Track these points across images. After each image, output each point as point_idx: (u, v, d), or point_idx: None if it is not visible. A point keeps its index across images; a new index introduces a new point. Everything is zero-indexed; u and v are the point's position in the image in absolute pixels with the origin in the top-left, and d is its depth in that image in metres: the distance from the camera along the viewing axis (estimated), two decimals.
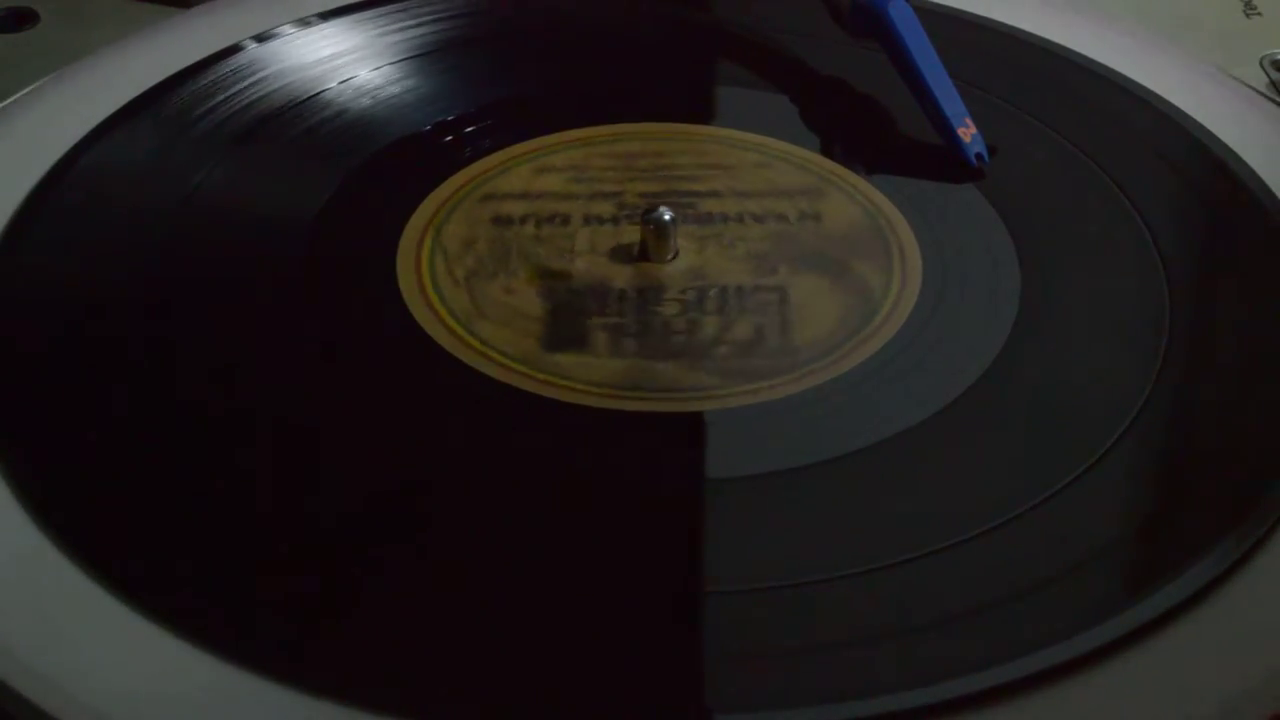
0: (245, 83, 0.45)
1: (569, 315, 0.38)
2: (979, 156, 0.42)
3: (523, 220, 0.41)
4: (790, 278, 0.39)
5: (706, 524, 0.33)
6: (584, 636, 0.30)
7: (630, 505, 0.33)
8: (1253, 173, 0.42)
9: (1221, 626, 0.30)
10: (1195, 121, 0.44)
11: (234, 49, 0.46)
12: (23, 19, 0.50)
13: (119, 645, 0.29)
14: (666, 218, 0.39)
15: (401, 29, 0.48)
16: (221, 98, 0.44)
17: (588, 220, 0.41)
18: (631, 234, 0.40)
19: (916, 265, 0.39)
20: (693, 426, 0.35)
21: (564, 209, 0.41)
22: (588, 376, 0.36)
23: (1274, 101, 0.46)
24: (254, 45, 0.46)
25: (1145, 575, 0.31)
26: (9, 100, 0.45)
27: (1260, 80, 0.48)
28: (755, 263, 0.39)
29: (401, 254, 0.39)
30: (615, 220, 0.40)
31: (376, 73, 0.46)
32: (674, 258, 0.39)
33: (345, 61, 0.46)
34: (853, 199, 0.41)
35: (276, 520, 0.32)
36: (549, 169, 0.43)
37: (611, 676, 0.29)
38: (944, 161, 0.42)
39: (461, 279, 0.38)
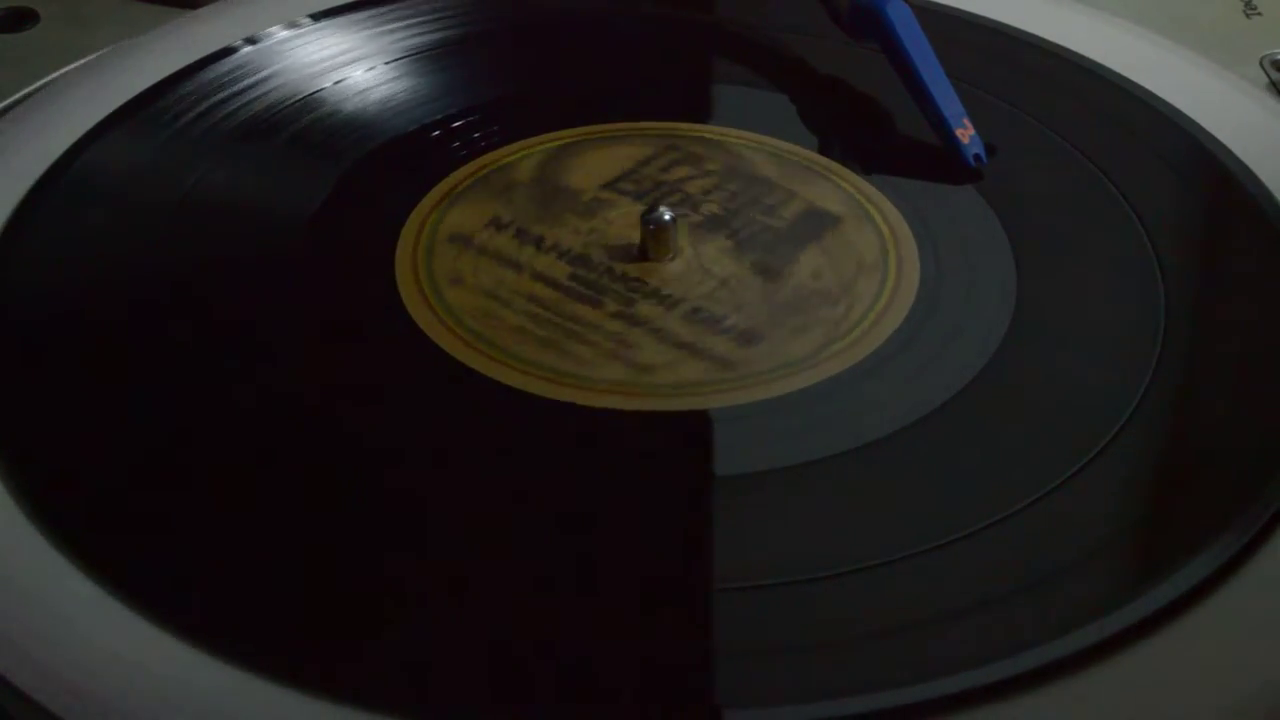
0: (242, 83, 0.45)
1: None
2: (977, 157, 0.42)
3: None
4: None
5: (707, 521, 0.33)
6: (585, 636, 0.30)
7: (633, 503, 0.33)
8: (1252, 173, 0.42)
9: (1220, 624, 0.30)
10: (1195, 122, 0.44)
11: (230, 50, 0.46)
12: (23, 19, 0.50)
13: (119, 645, 0.29)
14: (666, 218, 0.39)
15: (395, 29, 0.48)
16: (219, 98, 0.44)
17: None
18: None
19: (914, 264, 0.39)
20: (696, 423, 0.35)
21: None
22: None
23: (1274, 101, 0.46)
24: (249, 47, 0.46)
25: (1143, 573, 0.31)
26: (9, 100, 0.45)
27: (1260, 80, 0.48)
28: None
29: (399, 253, 0.39)
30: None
31: (371, 73, 0.46)
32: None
33: (340, 62, 0.46)
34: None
35: (276, 519, 0.32)
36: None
37: (615, 675, 0.29)
38: (943, 162, 0.42)
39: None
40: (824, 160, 0.43)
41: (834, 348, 0.36)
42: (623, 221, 0.40)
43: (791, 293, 0.38)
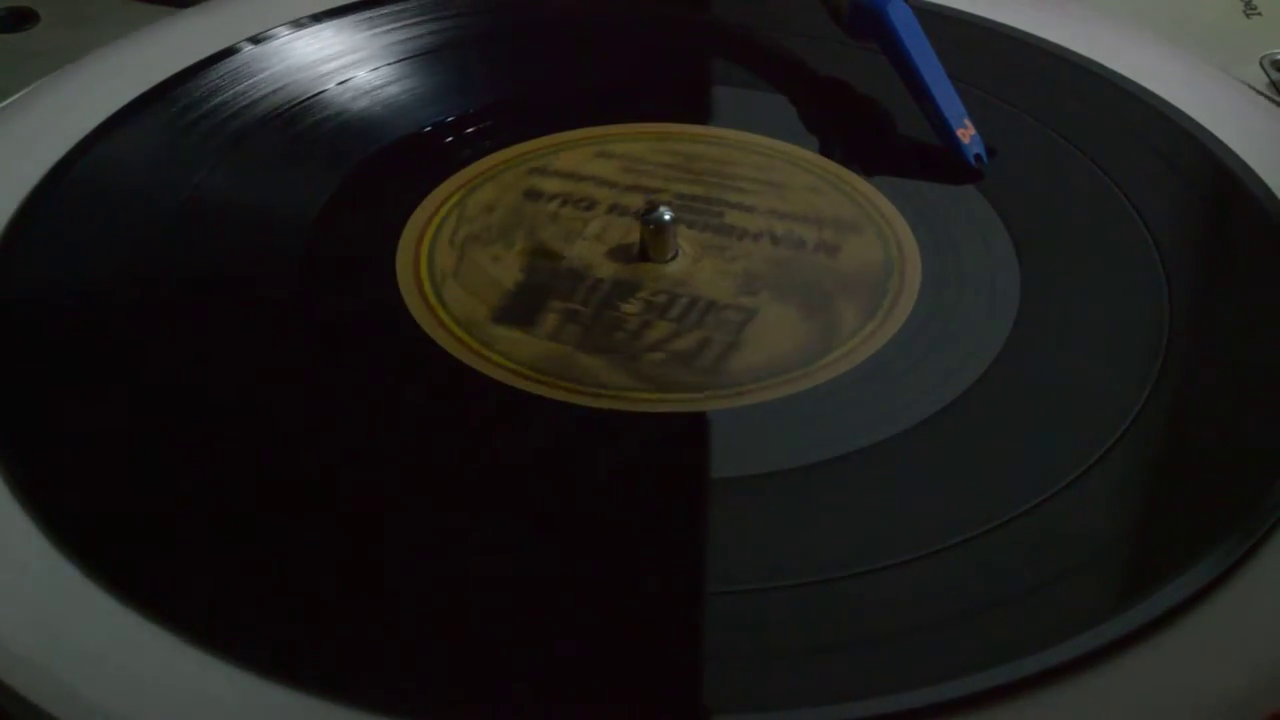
0: (245, 83, 0.45)
1: (534, 293, 0.38)
2: (978, 157, 0.42)
3: (551, 198, 0.41)
4: (766, 304, 0.38)
5: (705, 524, 0.33)
6: (583, 636, 0.30)
7: (630, 504, 0.33)
8: (1253, 173, 0.42)
9: (1221, 627, 0.30)
10: (1195, 121, 0.44)
11: (233, 50, 0.46)
12: (23, 19, 0.50)
13: (119, 645, 0.29)
14: (666, 218, 0.39)
15: (398, 30, 0.48)
16: (221, 98, 0.44)
17: (612, 209, 0.41)
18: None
19: (915, 265, 0.39)
20: (692, 425, 0.35)
21: (597, 195, 0.41)
22: (514, 353, 0.36)
23: (1274, 101, 0.46)
24: (252, 47, 0.46)
25: (1145, 576, 0.31)
26: (9, 100, 0.45)
27: (1260, 80, 0.48)
28: (742, 281, 0.39)
29: (401, 254, 0.39)
30: (638, 214, 0.40)
31: (374, 73, 0.46)
32: (673, 258, 0.39)
33: (343, 62, 0.46)
34: (882, 238, 0.40)
35: (276, 519, 0.32)
36: (608, 155, 0.43)
37: (610, 676, 0.29)
38: (944, 162, 0.42)
39: (459, 242, 0.39)
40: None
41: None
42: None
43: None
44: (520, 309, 0.37)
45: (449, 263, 0.39)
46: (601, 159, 0.43)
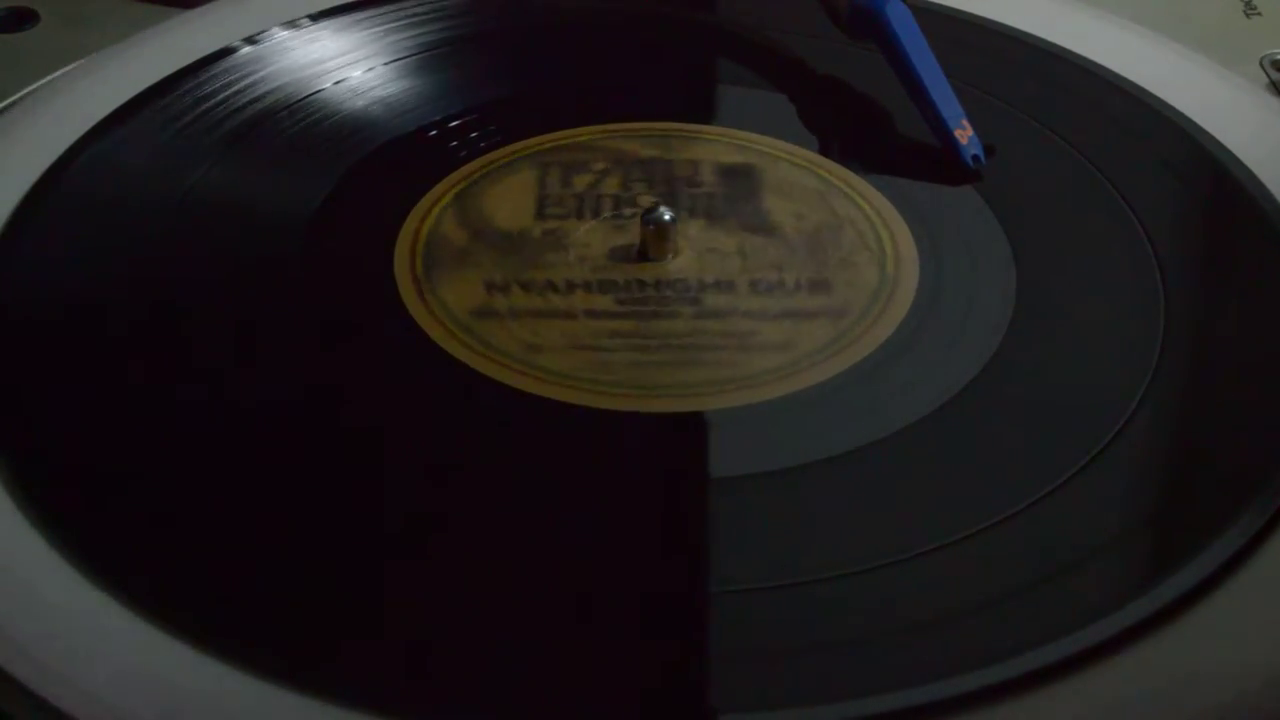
0: (242, 84, 0.45)
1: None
2: (976, 158, 0.42)
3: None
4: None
5: (704, 522, 0.33)
6: (584, 636, 0.30)
7: (629, 504, 0.33)
8: (1252, 173, 0.42)
9: (1222, 624, 0.30)
10: (1195, 122, 0.44)
11: (229, 50, 0.46)
12: (23, 19, 0.50)
13: (119, 645, 0.29)
14: (666, 218, 0.39)
15: (395, 30, 0.48)
16: (218, 98, 0.44)
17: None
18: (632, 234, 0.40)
19: (913, 265, 0.39)
20: (692, 426, 0.35)
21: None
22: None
23: (1274, 101, 0.46)
24: (249, 47, 0.46)
25: (1143, 574, 0.31)
26: (9, 100, 0.45)
27: (1260, 80, 0.48)
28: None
29: (398, 253, 0.39)
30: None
31: (370, 73, 0.46)
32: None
33: (339, 62, 0.46)
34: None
35: (276, 519, 0.32)
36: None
37: (612, 676, 0.29)
38: (942, 162, 0.42)
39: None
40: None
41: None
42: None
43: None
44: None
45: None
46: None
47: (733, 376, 0.36)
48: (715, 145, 0.44)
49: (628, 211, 0.41)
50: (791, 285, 0.38)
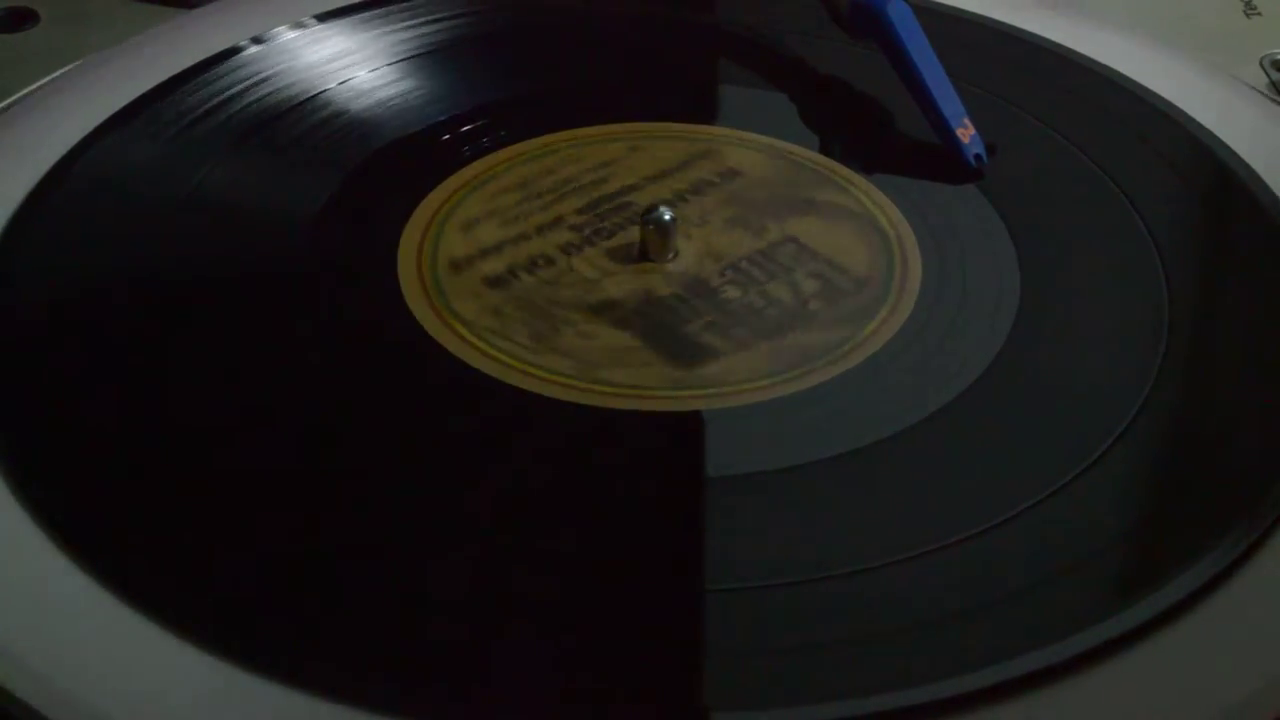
0: (247, 83, 0.45)
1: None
2: (977, 157, 0.42)
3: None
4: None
5: (705, 522, 0.33)
6: (583, 636, 0.30)
7: (628, 503, 0.33)
8: (1253, 173, 0.42)
9: (1221, 626, 0.30)
10: (1195, 121, 0.44)
11: (234, 50, 0.46)
12: (23, 19, 0.50)
13: (119, 645, 0.29)
14: (666, 218, 0.39)
15: (400, 30, 0.48)
16: (223, 98, 0.44)
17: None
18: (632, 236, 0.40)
19: (916, 265, 0.39)
20: (691, 426, 0.35)
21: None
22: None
23: (1274, 101, 0.46)
24: (253, 47, 0.46)
25: (1145, 575, 0.31)
26: (9, 100, 0.45)
27: (1260, 80, 0.48)
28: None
29: (402, 253, 0.39)
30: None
31: (375, 73, 0.46)
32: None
33: (345, 62, 0.46)
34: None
35: (276, 520, 0.32)
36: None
37: (609, 676, 0.29)
38: (944, 161, 0.42)
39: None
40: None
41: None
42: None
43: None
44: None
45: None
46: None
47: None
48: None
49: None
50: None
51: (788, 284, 0.39)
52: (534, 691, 0.28)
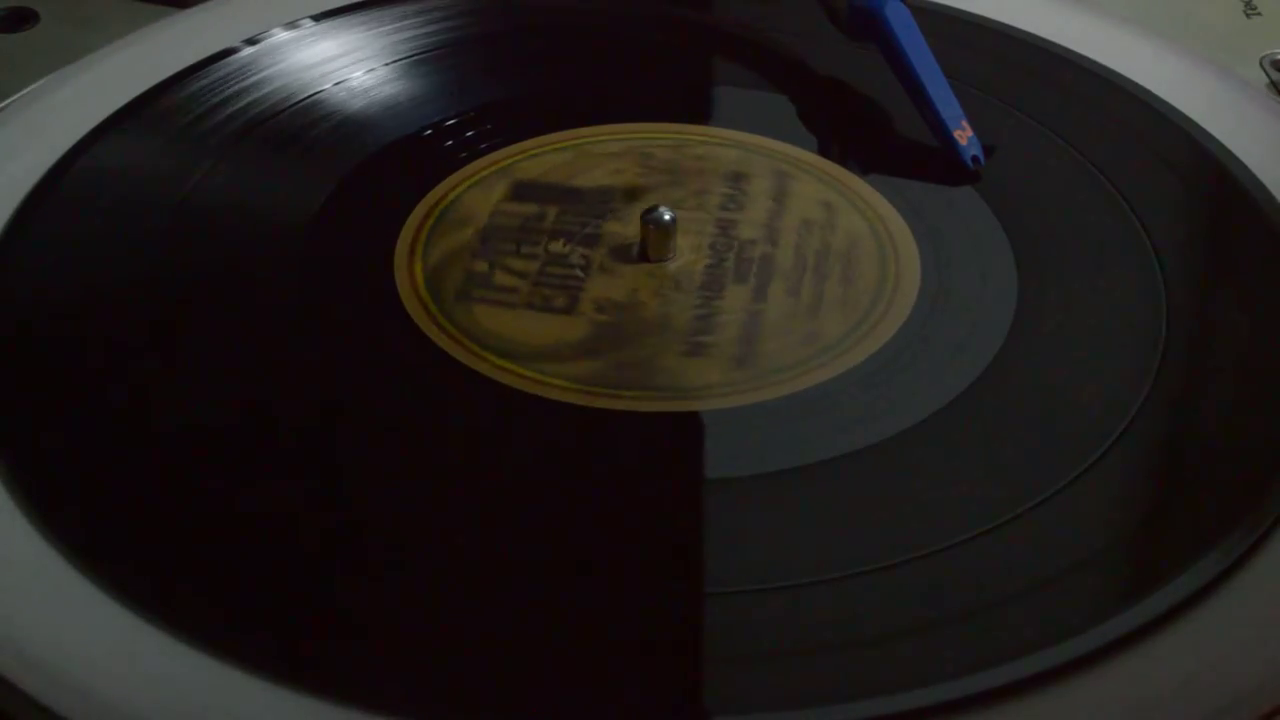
0: (243, 84, 0.45)
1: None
2: (975, 159, 0.42)
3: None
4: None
5: (703, 524, 0.33)
6: (582, 636, 0.30)
7: (628, 505, 0.33)
8: (1252, 173, 0.42)
9: (1221, 628, 0.30)
10: (1195, 122, 0.44)
11: (231, 51, 0.46)
12: (23, 19, 0.50)
13: (119, 645, 0.29)
14: (666, 218, 0.39)
15: (395, 31, 0.48)
16: (219, 99, 0.44)
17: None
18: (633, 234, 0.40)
19: (914, 266, 0.39)
20: (691, 426, 0.35)
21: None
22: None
23: (1274, 101, 0.46)
24: (250, 48, 0.46)
25: (1144, 576, 0.31)
26: (9, 100, 0.45)
27: (1260, 80, 0.48)
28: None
29: (398, 254, 0.39)
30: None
31: (371, 74, 0.46)
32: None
33: (340, 63, 0.46)
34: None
35: (276, 520, 0.32)
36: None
37: (609, 676, 0.29)
38: (941, 163, 0.42)
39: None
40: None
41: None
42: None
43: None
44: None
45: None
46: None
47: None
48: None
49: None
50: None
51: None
52: (534, 692, 0.29)
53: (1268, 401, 0.35)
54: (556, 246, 0.40)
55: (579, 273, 0.39)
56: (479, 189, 0.42)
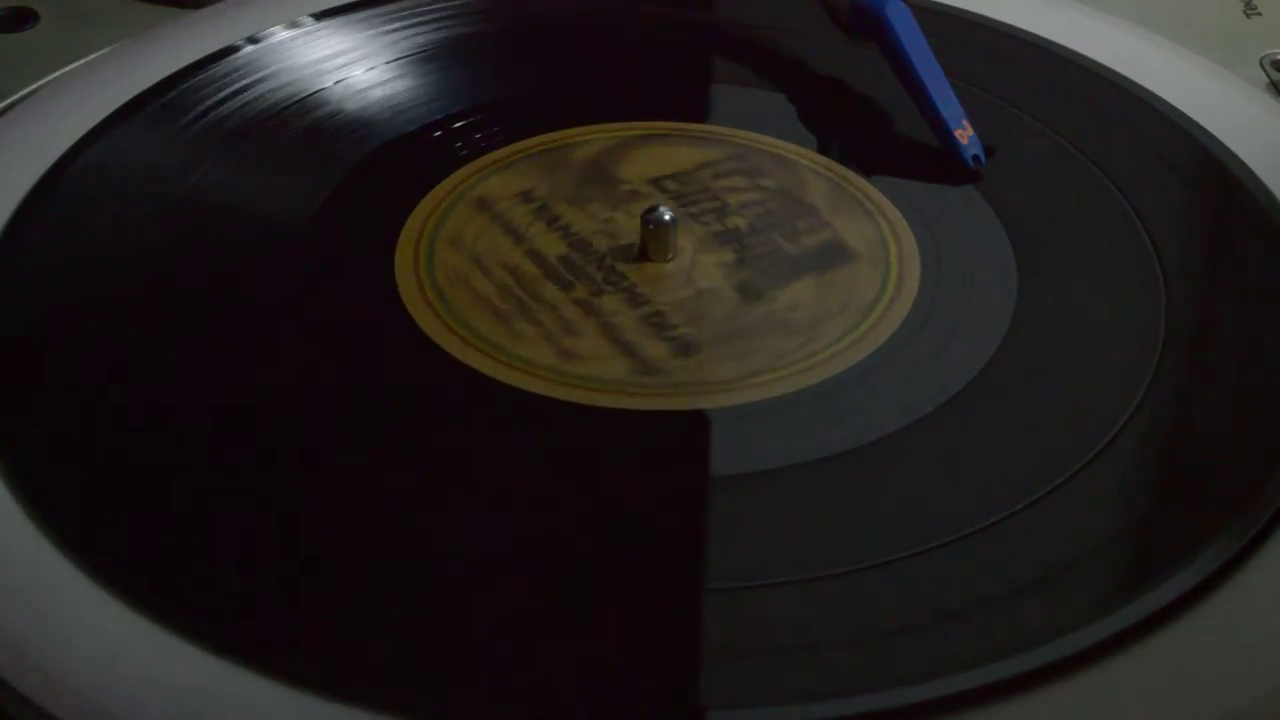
0: (243, 83, 0.45)
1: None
2: (976, 158, 0.42)
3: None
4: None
5: (702, 521, 0.33)
6: (581, 635, 0.30)
7: (629, 501, 0.33)
8: (1252, 173, 0.42)
9: (1221, 626, 0.30)
10: (1195, 121, 0.44)
11: (231, 49, 0.46)
12: (23, 19, 0.50)
13: (119, 645, 0.29)
14: (666, 218, 0.39)
15: (396, 29, 0.48)
16: (220, 97, 0.44)
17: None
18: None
19: (914, 265, 0.39)
20: (690, 425, 0.35)
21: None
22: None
23: (1274, 101, 0.46)
24: (251, 46, 0.46)
25: (1143, 574, 0.31)
26: (9, 100, 0.45)
27: (1260, 80, 0.48)
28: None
29: (399, 253, 0.39)
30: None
31: (372, 72, 0.46)
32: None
33: (341, 61, 0.46)
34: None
35: (275, 519, 0.32)
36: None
37: (609, 675, 0.29)
38: (942, 162, 0.42)
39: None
40: (875, 195, 0.42)
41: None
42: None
43: (758, 318, 0.38)
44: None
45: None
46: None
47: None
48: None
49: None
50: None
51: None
52: (533, 691, 0.29)
53: (1266, 401, 0.35)
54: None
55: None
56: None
